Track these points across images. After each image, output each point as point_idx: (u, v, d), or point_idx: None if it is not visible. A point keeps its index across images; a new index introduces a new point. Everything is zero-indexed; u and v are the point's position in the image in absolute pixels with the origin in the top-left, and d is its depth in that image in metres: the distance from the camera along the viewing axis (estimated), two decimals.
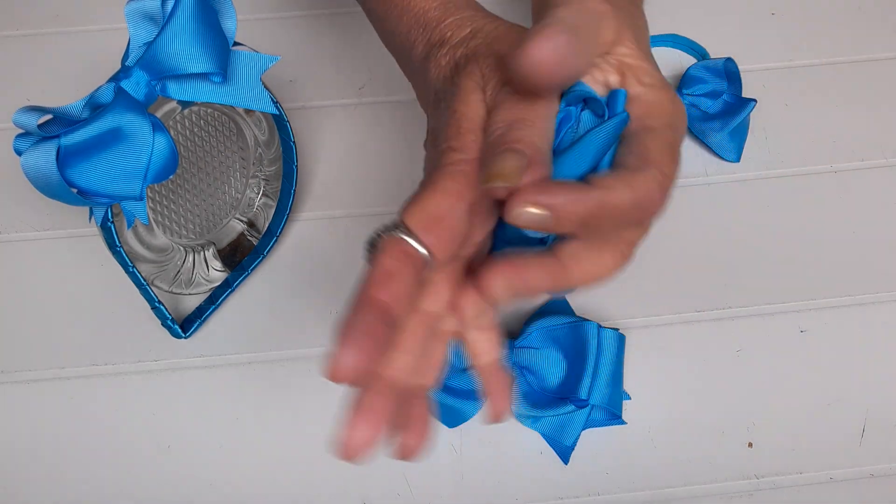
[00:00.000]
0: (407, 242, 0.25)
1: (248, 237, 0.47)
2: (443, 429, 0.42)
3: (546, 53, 0.25)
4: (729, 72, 0.49)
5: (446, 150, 0.28)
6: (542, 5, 0.30)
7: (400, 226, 0.26)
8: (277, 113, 0.39)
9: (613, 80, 0.29)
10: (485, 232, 0.28)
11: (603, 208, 0.25)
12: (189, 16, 0.32)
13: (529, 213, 0.24)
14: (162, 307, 0.41)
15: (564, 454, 0.41)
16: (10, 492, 0.41)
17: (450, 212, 0.26)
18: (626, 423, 0.42)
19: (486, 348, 0.31)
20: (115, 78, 0.33)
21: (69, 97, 0.50)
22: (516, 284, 0.26)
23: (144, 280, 0.39)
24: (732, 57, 0.50)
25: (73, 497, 0.41)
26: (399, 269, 0.25)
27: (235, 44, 0.35)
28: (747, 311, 0.45)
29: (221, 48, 0.33)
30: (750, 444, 0.42)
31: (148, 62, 0.32)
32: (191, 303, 0.45)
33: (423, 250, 0.25)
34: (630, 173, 0.26)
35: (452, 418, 0.41)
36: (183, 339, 0.44)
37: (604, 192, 0.25)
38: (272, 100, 0.37)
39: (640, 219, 0.27)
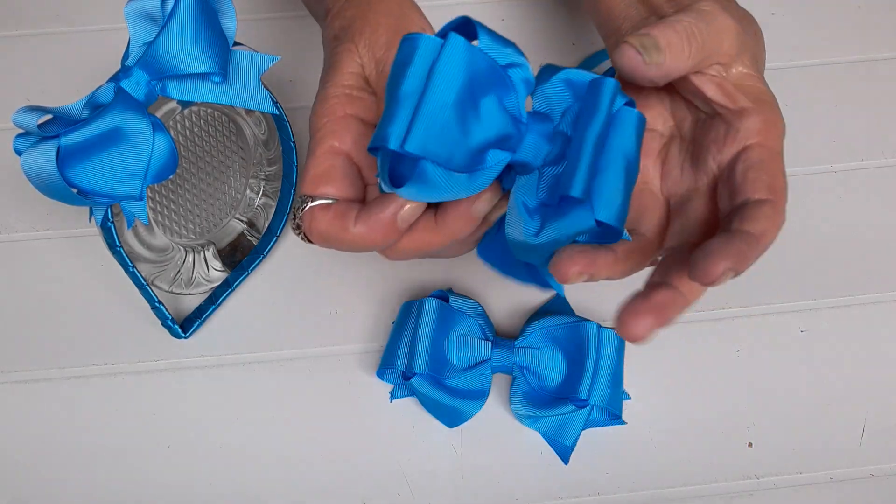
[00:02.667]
0: (317, 205, 0.31)
1: (248, 237, 0.47)
2: (443, 429, 0.42)
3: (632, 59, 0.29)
4: None
5: (313, 119, 0.33)
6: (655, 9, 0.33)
7: (304, 198, 0.31)
8: (277, 113, 0.39)
9: (712, 92, 0.31)
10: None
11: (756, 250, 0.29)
12: (189, 16, 0.32)
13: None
14: (162, 307, 0.41)
15: (564, 454, 0.41)
16: (10, 492, 0.41)
17: (332, 166, 0.32)
18: (626, 423, 0.42)
19: None
20: (115, 78, 0.33)
21: (69, 97, 0.50)
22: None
23: (144, 280, 0.39)
24: None
25: (73, 497, 0.41)
26: (333, 224, 0.30)
27: (235, 44, 0.35)
28: (747, 311, 0.45)
29: (221, 48, 0.33)
30: (750, 444, 0.42)
31: (148, 62, 0.32)
32: (191, 303, 0.45)
33: (330, 200, 0.31)
34: (773, 213, 0.30)
35: (452, 418, 0.41)
36: (183, 339, 0.44)
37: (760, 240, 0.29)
38: (272, 100, 0.37)
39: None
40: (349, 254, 0.47)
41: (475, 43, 0.27)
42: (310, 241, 0.32)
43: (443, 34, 0.27)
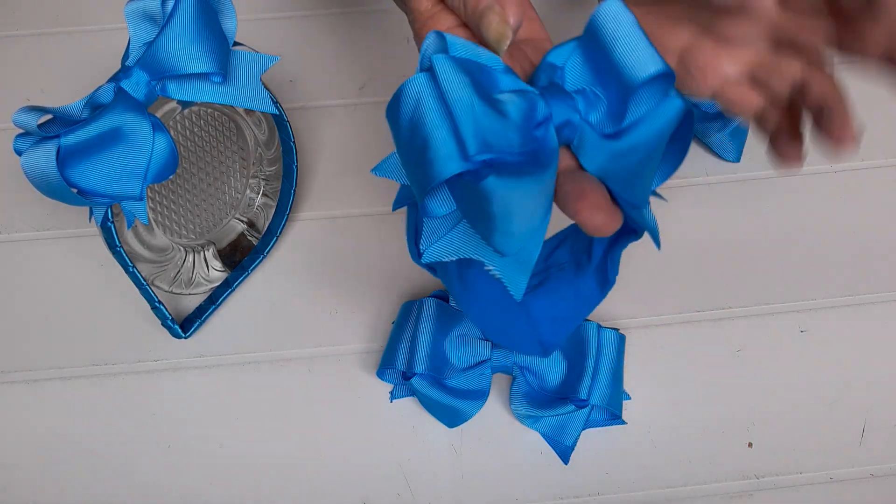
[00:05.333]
0: None
1: (248, 237, 0.47)
2: (443, 429, 0.42)
3: None
4: None
5: None
6: None
7: None
8: (277, 113, 0.39)
9: None
10: None
11: None
12: (189, 16, 0.32)
13: None
14: (162, 307, 0.41)
15: (564, 454, 0.41)
16: (10, 491, 0.41)
17: None
18: (626, 423, 0.42)
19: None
20: (115, 78, 0.33)
21: (69, 97, 0.51)
22: None
23: (144, 280, 0.39)
24: None
25: (73, 497, 0.41)
26: None
27: (235, 44, 0.35)
28: (747, 311, 0.45)
29: (221, 48, 0.33)
30: (750, 444, 0.42)
31: (148, 62, 0.32)
32: (191, 303, 0.45)
33: None
34: None
35: (452, 418, 0.41)
36: (183, 339, 0.44)
37: None
38: (272, 100, 0.37)
39: None
40: (349, 254, 0.47)
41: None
42: None
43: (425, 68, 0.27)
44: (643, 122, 0.27)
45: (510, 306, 0.33)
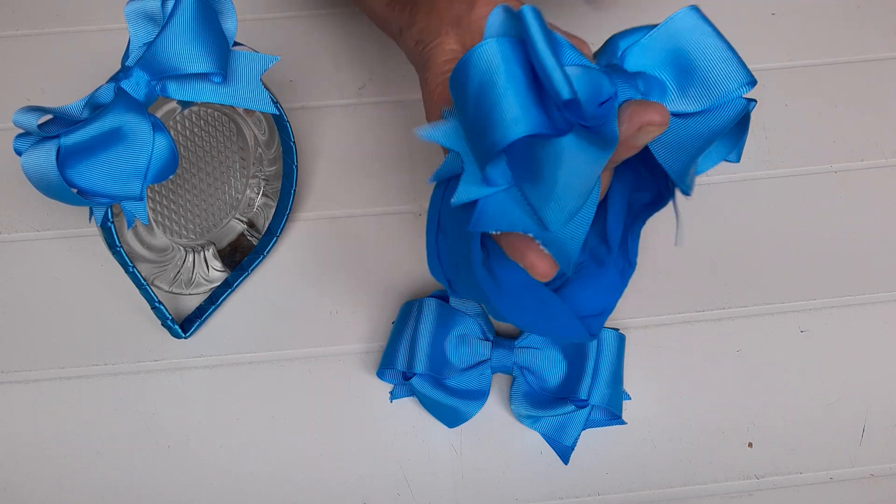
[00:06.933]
0: None
1: (248, 237, 0.47)
2: (443, 429, 0.42)
3: None
4: None
5: (427, 110, 0.34)
6: None
7: None
8: (277, 113, 0.39)
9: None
10: None
11: None
12: (189, 16, 0.32)
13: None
14: (162, 307, 0.41)
15: (564, 454, 0.41)
16: (10, 492, 0.41)
17: None
18: (626, 423, 0.42)
19: None
20: (115, 78, 0.33)
21: (69, 97, 0.51)
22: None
23: (144, 280, 0.39)
24: None
25: (73, 497, 0.41)
26: None
27: (235, 44, 0.35)
28: (747, 311, 0.45)
29: (221, 48, 0.33)
30: (750, 444, 0.42)
31: (148, 62, 0.32)
32: (191, 303, 0.45)
33: None
34: None
35: (452, 418, 0.41)
36: (183, 339, 0.44)
37: None
38: (272, 100, 0.37)
39: None
40: (349, 254, 0.47)
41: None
42: None
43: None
44: (711, 113, 0.30)
45: (545, 297, 0.34)
